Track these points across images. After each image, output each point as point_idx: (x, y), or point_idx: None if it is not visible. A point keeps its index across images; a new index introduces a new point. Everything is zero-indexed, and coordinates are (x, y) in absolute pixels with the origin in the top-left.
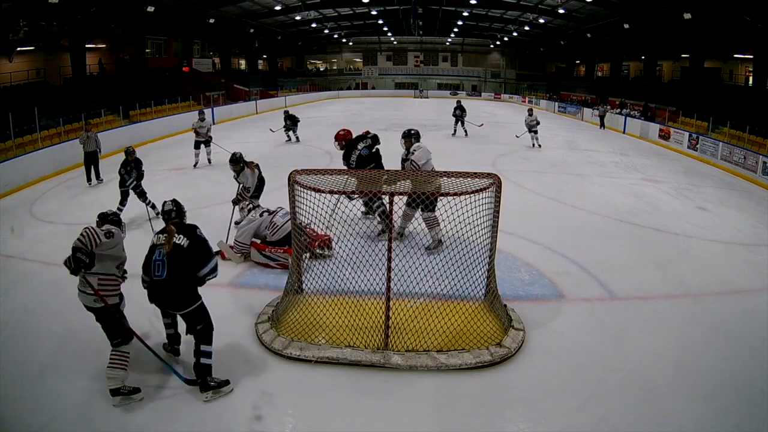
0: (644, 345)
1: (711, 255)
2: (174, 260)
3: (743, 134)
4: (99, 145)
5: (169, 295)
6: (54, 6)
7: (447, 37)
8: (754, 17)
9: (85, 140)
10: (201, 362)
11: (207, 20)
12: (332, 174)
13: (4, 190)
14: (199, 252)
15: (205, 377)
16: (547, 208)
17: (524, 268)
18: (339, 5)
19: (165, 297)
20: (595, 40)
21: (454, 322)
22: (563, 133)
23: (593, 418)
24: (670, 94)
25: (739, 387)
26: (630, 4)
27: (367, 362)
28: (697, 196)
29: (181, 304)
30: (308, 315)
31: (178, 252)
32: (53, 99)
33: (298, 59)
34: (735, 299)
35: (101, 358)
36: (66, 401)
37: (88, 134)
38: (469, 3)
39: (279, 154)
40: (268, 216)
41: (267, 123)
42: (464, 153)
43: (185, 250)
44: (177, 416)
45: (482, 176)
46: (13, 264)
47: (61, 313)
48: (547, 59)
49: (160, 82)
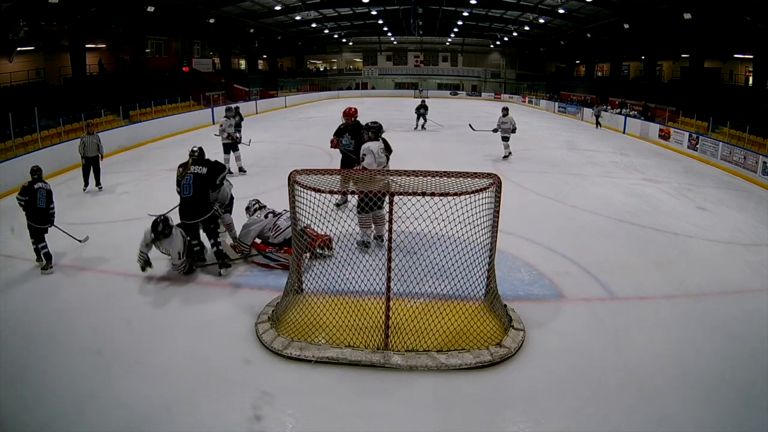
0: (644, 345)
1: (711, 255)
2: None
3: (743, 134)
4: (101, 150)
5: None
6: (54, 6)
7: (447, 37)
8: (754, 17)
9: (84, 146)
10: (219, 248)
11: (207, 20)
12: (332, 174)
13: (4, 190)
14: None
15: (223, 258)
16: (547, 208)
17: (524, 268)
18: (339, 5)
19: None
20: (595, 40)
21: (454, 322)
22: (563, 133)
23: (593, 418)
24: (670, 94)
25: (739, 387)
26: (630, 4)
27: (367, 362)
28: (697, 196)
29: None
30: (308, 315)
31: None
32: (53, 99)
33: (298, 59)
34: (735, 299)
35: (101, 358)
36: (66, 401)
37: (89, 137)
38: (469, 3)
39: (279, 154)
40: (272, 218)
41: (267, 123)
42: (464, 153)
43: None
44: (177, 416)
45: (482, 176)
46: (13, 264)
47: (61, 313)
48: (547, 59)
49: (160, 82)
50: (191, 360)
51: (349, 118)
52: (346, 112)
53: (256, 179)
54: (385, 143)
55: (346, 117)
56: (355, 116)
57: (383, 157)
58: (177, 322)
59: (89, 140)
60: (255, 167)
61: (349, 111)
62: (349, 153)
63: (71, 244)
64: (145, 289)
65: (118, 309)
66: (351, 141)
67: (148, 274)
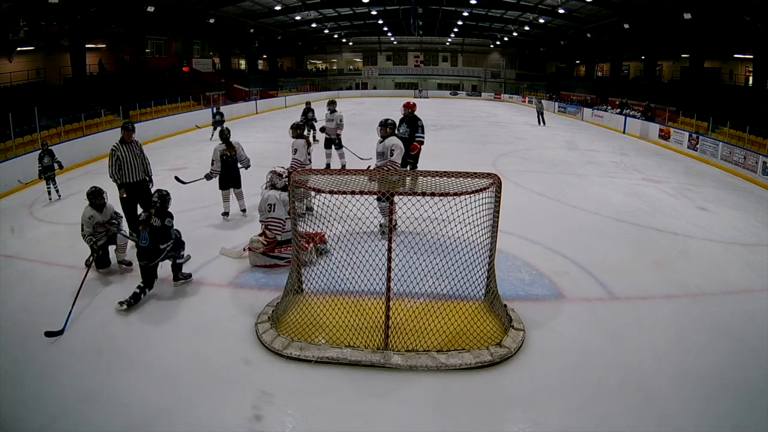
0: (644, 345)
1: (711, 255)
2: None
3: (743, 134)
4: (148, 165)
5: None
6: (54, 6)
7: (447, 37)
8: (754, 17)
9: (119, 165)
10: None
11: (207, 20)
12: (332, 174)
13: (4, 190)
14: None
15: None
16: (547, 208)
17: (524, 268)
18: (339, 5)
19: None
20: (595, 40)
21: (454, 322)
22: (563, 133)
23: (593, 418)
24: (670, 94)
25: (739, 387)
26: (630, 4)
27: (367, 362)
28: (697, 196)
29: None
30: (308, 315)
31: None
32: (53, 99)
33: (298, 59)
34: (735, 299)
35: (101, 358)
36: (66, 401)
37: (127, 147)
38: (469, 3)
39: (279, 154)
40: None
41: (267, 123)
42: (464, 153)
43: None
44: (177, 416)
45: (482, 176)
46: (13, 264)
47: (61, 313)
48: (547, 59)
49: (160, 82)
50: (191, 360)
51: (407, 110)
52: (406, 104)
53: (257, 179)
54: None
55: (405, 109)
56: (413, 109)
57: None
58: (177, 322)
59: (128, 153)
60: (256, 167)
61: (408, 104)
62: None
63: (72, 244)
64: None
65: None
66: (407, 130)
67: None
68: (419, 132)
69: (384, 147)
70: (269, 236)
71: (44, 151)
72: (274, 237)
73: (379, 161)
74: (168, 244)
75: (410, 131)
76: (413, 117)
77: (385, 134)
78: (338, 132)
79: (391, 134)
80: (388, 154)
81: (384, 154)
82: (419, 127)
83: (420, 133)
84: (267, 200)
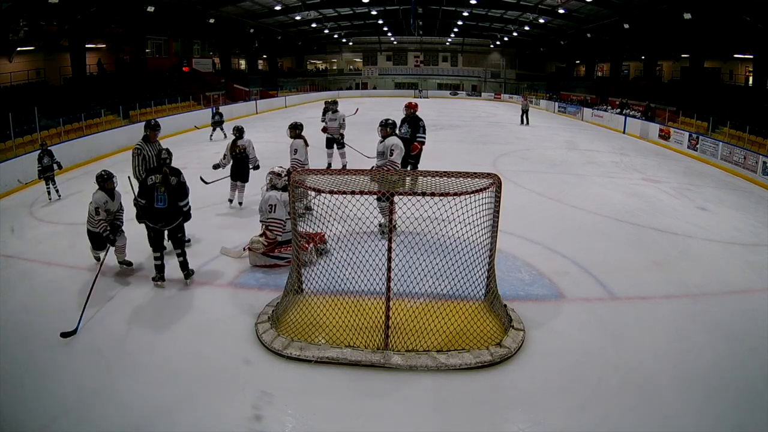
0: (644, 345)
1: (711, 255)
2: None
3: (743, 134)
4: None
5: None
6: (54, 6)
7: (447, 37)
8: (754, 17)
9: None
10: (185, 259)
11: (207, 20)
12: (332, 174)
13: (4, 190)
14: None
15: (187, 269)
16: (547, 208)
17: (524, 268)
18: (339, 5)
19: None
20: (595, 40)
21: (454, 322)
22: (563, 133)
23: (593, 418)
24: (670, 94)
25: (739, 387)
26: (630, 4)
27: (367, 362)
28: (697, 196)
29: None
30: (308, 315)
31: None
32: (53, 99)
33: (298, 59)
34: (735, 299)
35: (101, 358)
36: (66, 401)
37: (152, 146)
38: (469, 3)
39: (279, 154)
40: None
41: (267, 123)
42: (464, 153)
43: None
44: (177, 416)
45: (482, 176)
46: (13, 264)
47: (61, 313)
48: (547, 59)
49: (160, 82)
50: (191, 360)
51: (409, 110)
52: (408, 104)
53: (257, 179)
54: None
55: (407, 109)
56: (415, 109)
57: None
58: (177, 322)
59: (153, 152)
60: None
61: (411, 104)
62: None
63: (72, 244)
64: (145, 289)
65: (118, 309)
66: (408, 130)
67: (148, 274)
68: (421, 132)
69: (384, 147)
70: (270, 237)
71: (43, 152)
72: (275, 238)
73: (379, 161)
74: (186, 201)
75: (412, 131)
76: (415, 117)
77: (385, 134)
78: (341, 132)
79: (392, 134)
80: (387, 153)
81: (384, 153)
82: (421, 127)
83: (421, 134)
84: (268, 201)
